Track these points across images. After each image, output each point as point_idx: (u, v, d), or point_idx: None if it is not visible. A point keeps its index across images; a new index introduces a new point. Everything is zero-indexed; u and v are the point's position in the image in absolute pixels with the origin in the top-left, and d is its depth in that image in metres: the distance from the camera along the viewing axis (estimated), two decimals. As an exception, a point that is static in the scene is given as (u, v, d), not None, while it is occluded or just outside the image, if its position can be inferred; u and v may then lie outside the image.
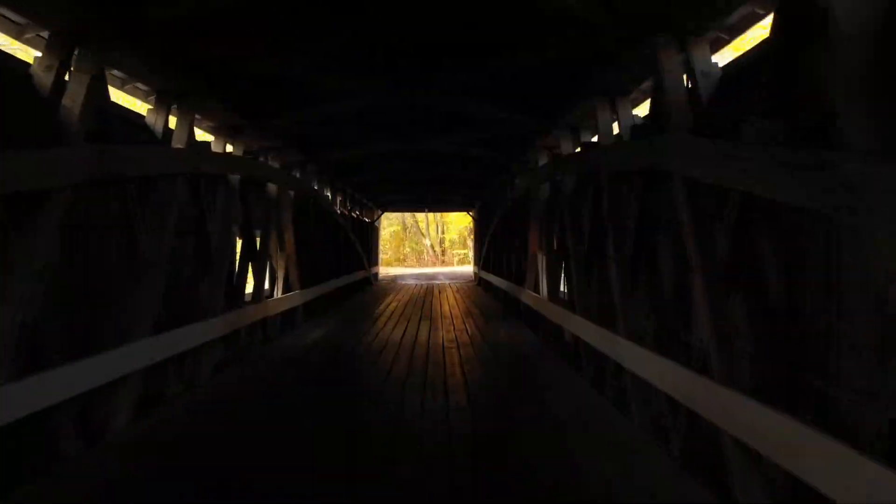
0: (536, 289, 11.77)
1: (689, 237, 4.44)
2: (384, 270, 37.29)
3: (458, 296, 19.03)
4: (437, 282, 26.78)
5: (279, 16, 5.83)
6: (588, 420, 5.39)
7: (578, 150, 9.07)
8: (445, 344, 9.58)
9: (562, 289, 10.09)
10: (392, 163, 14.74)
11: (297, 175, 13.11)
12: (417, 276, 31.46)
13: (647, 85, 7.09)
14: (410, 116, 10.18)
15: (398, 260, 48.22)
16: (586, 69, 6.59)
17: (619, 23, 5.26)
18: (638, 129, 6.56)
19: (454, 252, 48.82)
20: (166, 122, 6.96)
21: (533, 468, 4.27)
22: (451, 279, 28.55)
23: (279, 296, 11.40)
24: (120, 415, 5.28)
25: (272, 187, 10.66)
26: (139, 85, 6.99)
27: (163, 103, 6.93)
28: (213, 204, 8.32)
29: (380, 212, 28.50)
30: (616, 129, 7.05)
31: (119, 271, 6.01)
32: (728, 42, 5.47)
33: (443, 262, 47.66)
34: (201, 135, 10.63)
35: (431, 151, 12.62)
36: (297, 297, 11.92)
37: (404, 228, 49.84)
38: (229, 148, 9.02)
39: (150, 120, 6.90)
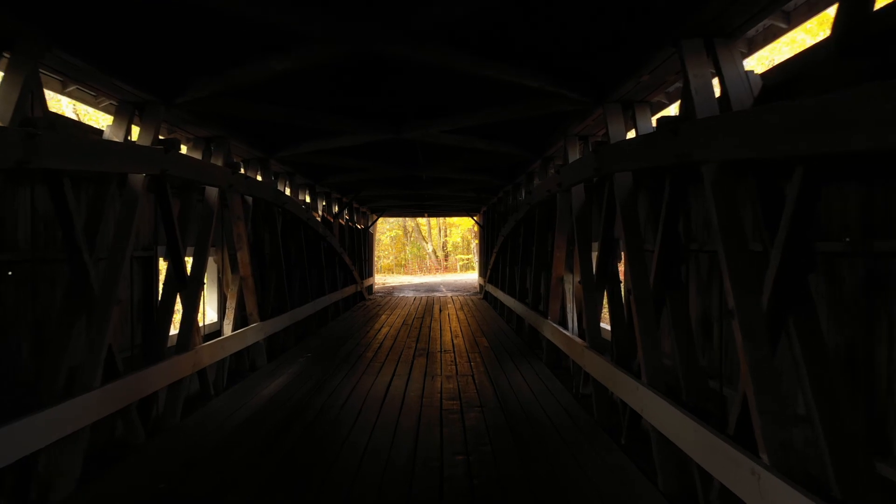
0: (563, 322, 9.08)
1: None
2: (382, 279, 34.90)
3: (461, 315, 16.43)
4: (439, 294, 24.26)
5: None
6: None
7: (633, 133, 6.38)
8: (444, 405, 6.92)
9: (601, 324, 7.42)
10: (383, 159, 12.12)
11: (259, 175, 10.46)
12: (417, 288, 28.86)
13: (767, 22, 4.42)
14: (395, 94, 7.53)
15: (399, 266, 45.78)
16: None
17: None
18: (816, 71, 3.49)
19: (457, 257, 46.26)
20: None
21: None
22: (454, 291, 25.96)
23: (228, 333, 8.71)
24: None
25: (212, 191, 8.00)
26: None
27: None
28: (99, 216, 5.65)
29: (375, 217, 25.92)
30: (717, 90, 4.34)
31: None
32: None
33: (445, 269, 45.14)
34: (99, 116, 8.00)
35: (429, 144, 9.95)
36: (254, 333, 9.24)
37: (405, 233, 47.21)
38: (135, 135, 6.35)
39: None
